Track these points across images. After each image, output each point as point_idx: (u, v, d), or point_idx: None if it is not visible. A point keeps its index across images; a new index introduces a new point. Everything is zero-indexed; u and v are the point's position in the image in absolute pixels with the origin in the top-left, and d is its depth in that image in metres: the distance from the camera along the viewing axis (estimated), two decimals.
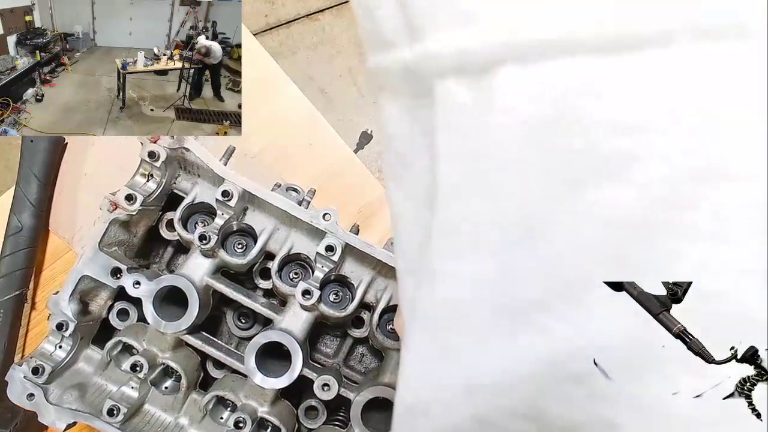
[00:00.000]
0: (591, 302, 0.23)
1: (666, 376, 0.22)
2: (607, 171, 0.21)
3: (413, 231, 0.28)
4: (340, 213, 0.61)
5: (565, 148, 0.22)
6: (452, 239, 0.25)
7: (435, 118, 0.24)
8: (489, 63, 0.22)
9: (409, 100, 0.26)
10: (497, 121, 0.22)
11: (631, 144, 0.21)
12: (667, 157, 0.21)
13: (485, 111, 0.23)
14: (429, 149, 0.25)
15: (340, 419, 0.67)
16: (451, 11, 0.23)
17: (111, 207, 0.60)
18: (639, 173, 0.21)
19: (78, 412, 0.60)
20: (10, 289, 0.72)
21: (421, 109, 0.25)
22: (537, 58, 0.21)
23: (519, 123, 0.22)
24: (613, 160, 0.21)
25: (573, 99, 0.21)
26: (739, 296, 0.21)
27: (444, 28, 0.23)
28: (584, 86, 0.21)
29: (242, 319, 0.70)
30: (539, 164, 0.22)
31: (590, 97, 0.21)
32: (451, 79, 0.23)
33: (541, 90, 0.21)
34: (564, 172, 0.22)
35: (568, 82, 0.21)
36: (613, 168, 0.21)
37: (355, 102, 1.79)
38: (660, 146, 0.21)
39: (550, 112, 0.21)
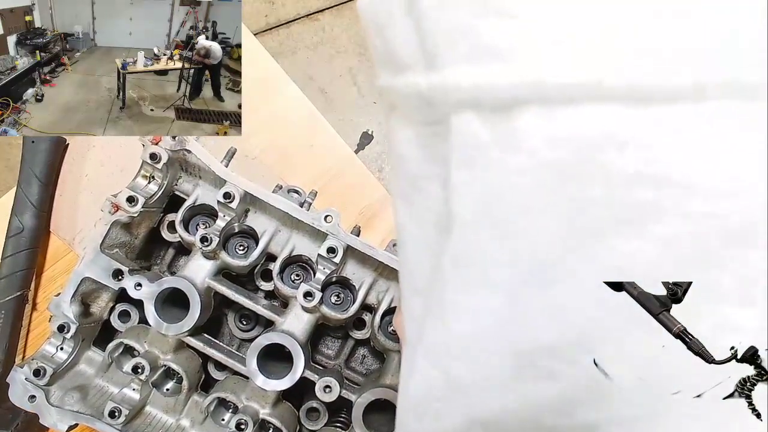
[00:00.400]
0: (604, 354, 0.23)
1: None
2: (628, 222, 0.21)
3: (422, 252, 0.27)
4: (342, 214, 0.61)
5: (585, 196, 0.21)
6: (464, 272, 0.25)
7: (450, 149, 0.24)
8: (511, 102, 0.21)
9: (422, 126, 0.25)
10: (517, 163, 0.22)
11: (656, 197, 0.20)
12: (693, 215, 0.20)
13: (505, 150, 0.22)
14: (441, 177, 0.25)
15: (341, 421, 0.67)
16: (473, 44, 0.22)
17: (112, 209, 0.60)
18: (662, 228, 0.21)
19: (79, 413, 0.60)
20: (12, 290, 0.72)
21: (434, 136, 0.25)
22: (563, 102, 0.20)
23: (540, 167, 0.21)
24: (635, 211, 0.21)
25: (597, 146, 0.21)
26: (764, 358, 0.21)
27: (463, 61, 0.22)
28: (611, 135, 0.20)
29: (244, 321, 0.70)
30: (557, 209, 0.22)
31: (616, 146, 0.20)
32: (468, 113, 0.22)
33: (565, 135, 0.21)
34: (582, 219, 0.21)
35: (594, 129, 0.20)
36: (635, 220, 0.21)
37: (355, 102, 1.79)
38: (686, 203, 0.20)
39: (572, 158, 0.21)
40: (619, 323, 0.22)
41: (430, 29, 0.23)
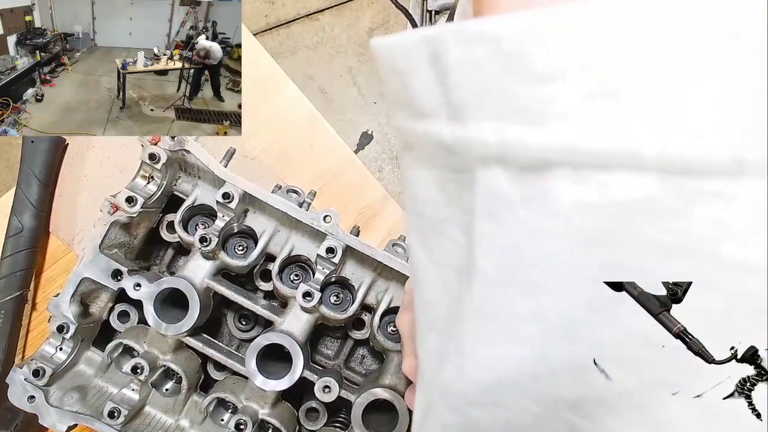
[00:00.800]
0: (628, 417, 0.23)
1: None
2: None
3: (439, 291, 0.27)
4: (341, 214, 0.61)
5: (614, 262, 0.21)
6: (487, 325, 0.24)
7: (475, 202, 0.22)
8: (542, 163, 0.20)
9: (443, 172, 0.24)
10: (546, 225, 0.21)
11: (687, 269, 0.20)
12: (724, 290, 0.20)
13: (534, 211, 0.21)
14: (463, 223, 0.24)
15: (340, 421, 0.67)
16: (502, 102, 0.21)
17: (111, 209, 0.60)
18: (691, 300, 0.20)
19: (79, 414, 0.60)
20: (11, 289, 0.72)
21: (457, 182, 0.23)
22: (596, 167, 0.20)
23: (569, 231, 0.21)
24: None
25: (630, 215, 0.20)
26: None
27: (492, 119, 0.21)
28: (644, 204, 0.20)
29: (243, 321, 0.70)
30: (586, 273, 0.21)
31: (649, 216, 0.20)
32: (495, 169, 0.21)
33: (597, 201, 0.20)
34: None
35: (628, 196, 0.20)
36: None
37: (355, 102, 1.79)
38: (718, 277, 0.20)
39: (603, 225, 0.20)
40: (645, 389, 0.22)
41: (456, 84, 0.22)
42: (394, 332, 0.64)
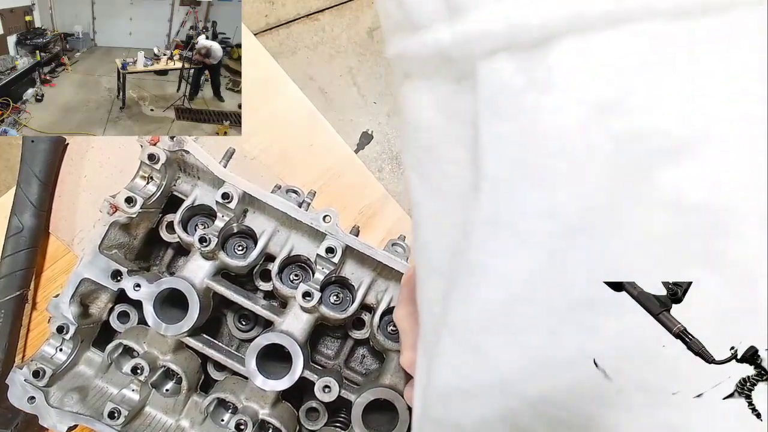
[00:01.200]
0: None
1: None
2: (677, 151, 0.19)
3: (442, 229, 0.26)
4: (341, 214, 0.61)
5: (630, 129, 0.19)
6: (498, 233, 0.23)
7: (478, 103, 0.22)
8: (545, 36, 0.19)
9: (442, 87, 0.23)
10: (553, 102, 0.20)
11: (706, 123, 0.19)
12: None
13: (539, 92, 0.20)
14: (466, 139, 0.23)
15: (341, 421, 0.67)
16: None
17: (111, 209, 0.60)
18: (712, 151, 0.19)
19: (79, 414, 0.60)
20: (11, 289, 0.72)
21: (456, 95, 0.23)
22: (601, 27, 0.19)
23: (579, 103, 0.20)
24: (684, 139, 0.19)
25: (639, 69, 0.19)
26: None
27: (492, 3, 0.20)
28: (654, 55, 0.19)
29: (243, 321, 0.70)
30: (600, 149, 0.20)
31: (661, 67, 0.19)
32: (498, 59, 0.21)
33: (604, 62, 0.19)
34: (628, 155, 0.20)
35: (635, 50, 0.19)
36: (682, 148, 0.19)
37: (355, 102, 1.79)
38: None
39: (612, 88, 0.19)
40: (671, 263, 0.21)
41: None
42: (394, 332, 0.64)
